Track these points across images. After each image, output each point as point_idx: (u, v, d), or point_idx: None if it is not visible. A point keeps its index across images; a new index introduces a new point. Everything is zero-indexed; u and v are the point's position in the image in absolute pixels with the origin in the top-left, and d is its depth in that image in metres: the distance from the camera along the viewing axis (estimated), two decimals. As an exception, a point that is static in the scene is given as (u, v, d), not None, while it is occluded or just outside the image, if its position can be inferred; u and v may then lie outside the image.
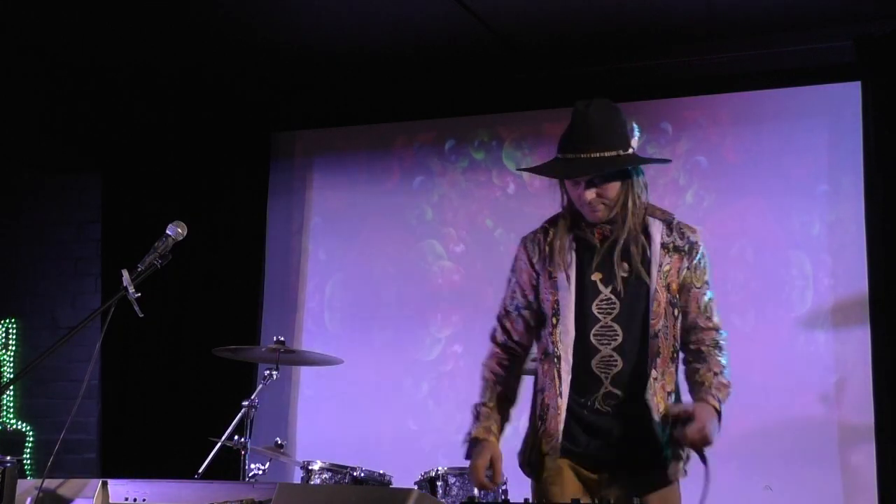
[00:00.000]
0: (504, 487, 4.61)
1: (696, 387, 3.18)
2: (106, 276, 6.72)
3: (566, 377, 3.15)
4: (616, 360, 3.15)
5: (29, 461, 6.85)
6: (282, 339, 5.13)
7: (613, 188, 3.14)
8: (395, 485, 4.70)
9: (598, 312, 3.15)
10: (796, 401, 5.50)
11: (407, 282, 6.30)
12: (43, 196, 7.24)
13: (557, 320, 3.16)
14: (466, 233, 6.24)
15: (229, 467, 5.13)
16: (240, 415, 4.98)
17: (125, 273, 3.14)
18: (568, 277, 3.16)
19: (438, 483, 4.58)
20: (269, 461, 4.95)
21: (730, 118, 5.86)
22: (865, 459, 5.29)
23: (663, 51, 5.89)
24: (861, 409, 5.33)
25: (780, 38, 5.66)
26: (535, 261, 3.23)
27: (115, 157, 6.84)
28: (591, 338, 3.15)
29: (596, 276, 3.17)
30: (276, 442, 5.02)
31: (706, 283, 3.24)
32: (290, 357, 5.31)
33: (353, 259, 6.47)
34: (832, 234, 5.59)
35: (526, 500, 2.77)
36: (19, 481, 2.92)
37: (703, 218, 5.76)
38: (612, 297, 3.16)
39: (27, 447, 6.88)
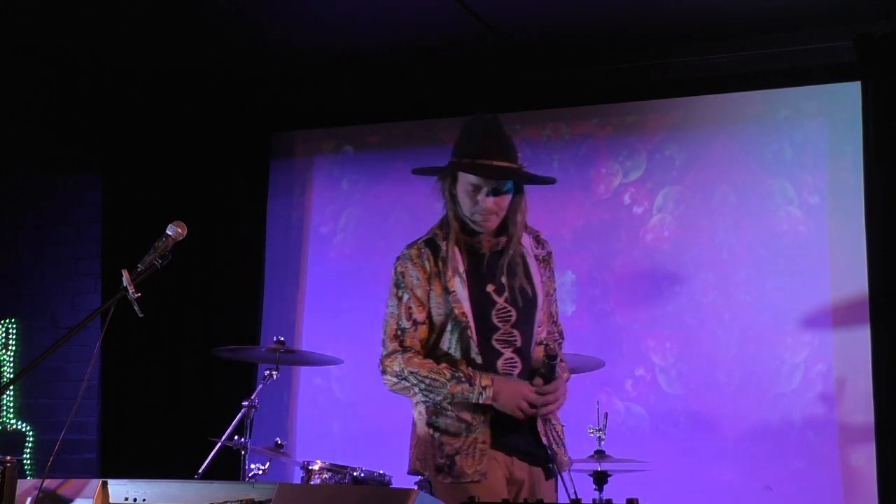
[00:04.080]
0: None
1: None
2: (106, 276, 6.72)
3: None
4: (516, 362, 3.31)
5: (29, 461, 6.85)
6: (282, 339, 5.13)
7: (507, 200, 3.30)
8: (395, 485, 4.70)
9: (498, 321, 3.29)
10: (796, 401, 5.50)
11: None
12: (43, 196, 7.24)
13: (460, 331, 3.27)
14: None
15: (229, 467, 5.13)
16: (240, 415, 4.98)
17: (125, 273, 3.14)
18: (465, 287, 3.28)
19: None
20: (269, 461, 4.95)
21: (730, 118, 5.85)
22: (865, 459, 5.29)
23: (663, 51, 5.89)
24: (861, 409, 5.33)
25: (780, 38, 5.66)
26: (425, 275, 3.33)
27: (115, 157, 6.84)
28: (494, 343, 3.28)
29: (490, 288, 3.30)
30: (276, 442, 5.02)
31: (554, 289, 3.49)
32: (290, 357, 5.31)
33: (352, 258, 6.47)
34: (832, 233, 5.59)
35: (525, 500, 2.77)
36: (19, 481, 2.92)
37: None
38: (508, 305, 3.31)
39: (27, 447, 6.88)
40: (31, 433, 6.91)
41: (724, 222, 5.77)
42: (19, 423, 6.94)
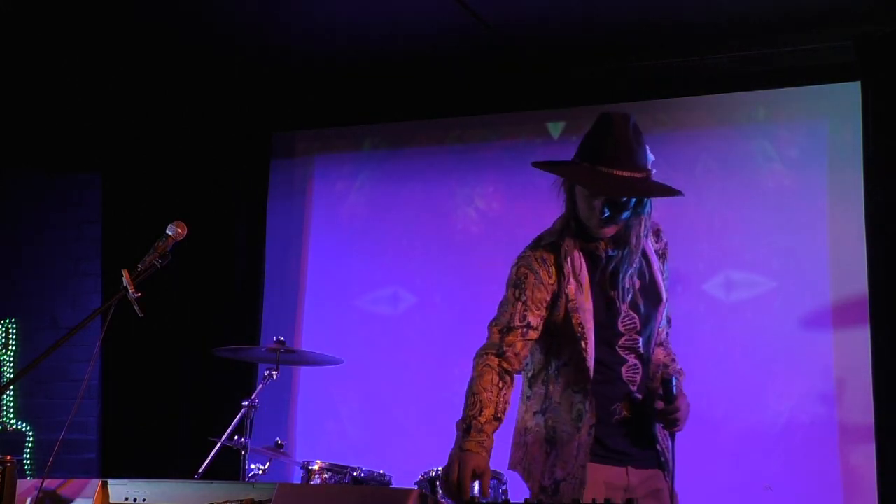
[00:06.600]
0: (504, 488, 4.62)
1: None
2: (106, 276, 6.72)
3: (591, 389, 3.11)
4: (638, 368, 3.19)
5: (29, 461, 6.85)
6: (282, 339, 5.14)
7: (626, 207, 3.10)
8: (395, 485, 4.71)
9: (623, 328, 3.17)
10: (796, 401, 5.50)
11: (406, 281, 6.30)
12: (43, 196, 7.24)
13: (575, 342, 3.10)
14: (472, 234, 6.24)
15: (229, 467, 5.13)
16: (240, 415, 4.98)
17: (125, 273, 3.14)
18: (587, 295, 3.11)
19: (438, 483, 4.58)
20: (269, 461, 4.95)
21: (730, 118, 5.85)
22: (865, 459, 5.29)
23: (663, 51, 5.89)
24: (861, 409, 5.33)
25: (780, 38, 5.66)
26: (550, 280, 3.11)
27: (115, 157, 6.84)
28: (618, 350, 3.16)
29: (613, 293, 3.16)
30: (276, 442, 5.02)
31: (667, 277, 3.32)
32: (290, 357, 5.32)
33: (352, 259, 6.47)
34: (832, 233, 5.59)
35: (526, 500, 2.77)
36: (19, 481, 2.92)
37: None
38: (632, 311, 3.17)
39: (27, 447, 6.88)
40: (31, 433, 6.91)
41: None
42: (19, 423, 6.94)
